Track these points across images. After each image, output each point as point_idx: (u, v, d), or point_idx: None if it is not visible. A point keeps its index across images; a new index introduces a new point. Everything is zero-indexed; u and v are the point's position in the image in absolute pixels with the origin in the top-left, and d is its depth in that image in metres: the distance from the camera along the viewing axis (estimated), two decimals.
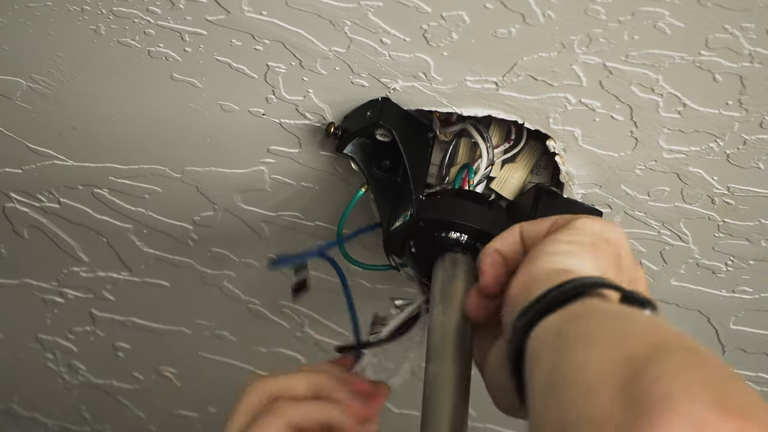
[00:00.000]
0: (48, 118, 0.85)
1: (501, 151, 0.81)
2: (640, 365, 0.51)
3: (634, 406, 0.50)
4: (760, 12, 0.67)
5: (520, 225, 0.71)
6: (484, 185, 0.82)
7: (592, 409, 0.52)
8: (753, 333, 0.95)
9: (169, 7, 0.74)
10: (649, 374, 0.51)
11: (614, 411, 0.50)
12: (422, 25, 0.72)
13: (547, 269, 0.65)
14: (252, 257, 0.98)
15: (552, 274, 0.63)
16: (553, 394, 0.54)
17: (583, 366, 0.54)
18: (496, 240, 0.71)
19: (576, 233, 0.67)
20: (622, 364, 0.52)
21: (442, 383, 0.72)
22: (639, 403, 0.50)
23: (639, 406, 0.49)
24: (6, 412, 1.28)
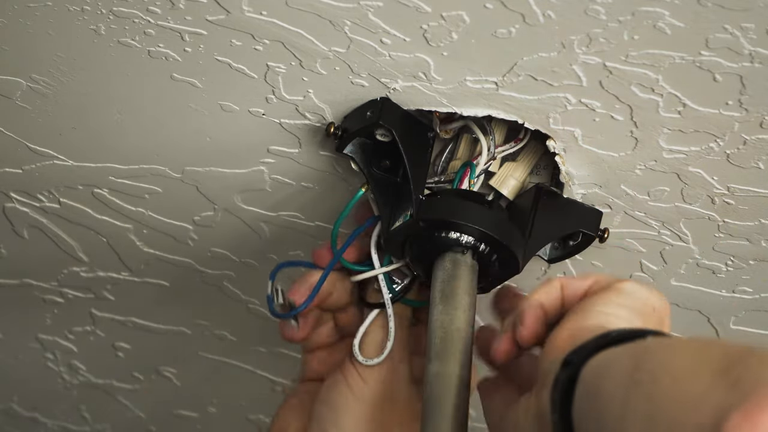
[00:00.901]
0: (48, 118, 0.85)
1: (504, 148, 0.81)
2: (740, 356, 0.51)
3: (738, 385, 0.49)
4: (760, 12, 0.67)
5: (560, 280, 0.71)
6: (481, 181, 0.82)
7: (689, 388, 0.51)
8: (753, 333, 0.95)
9: (169, 7, 0.74)
10: (752, 359, 0.50)
11: (713, 393, 0.50)
12: (422, 25, 0.72)
13: (595, 327, 0.64)
14: (252, 257, 0.98)
15: (602, 330, 0.63)
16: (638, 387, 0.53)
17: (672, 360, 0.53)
18: (539, 292, 0.71)
19: (625, 297, 0.67)
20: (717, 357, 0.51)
21: (443, 383, 0.72)
22: (743, 384, 0.49)
23: (743, 386, 0.49)
24: (6, 412, 1.28)
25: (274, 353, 1.10)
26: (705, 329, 0.95)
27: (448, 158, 0.83)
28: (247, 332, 1.08)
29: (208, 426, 1.24)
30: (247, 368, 1.13)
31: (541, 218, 0.82)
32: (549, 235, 0.82)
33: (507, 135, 0.82)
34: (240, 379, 1.14)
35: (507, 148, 0.81)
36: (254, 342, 1.09)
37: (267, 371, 1.13)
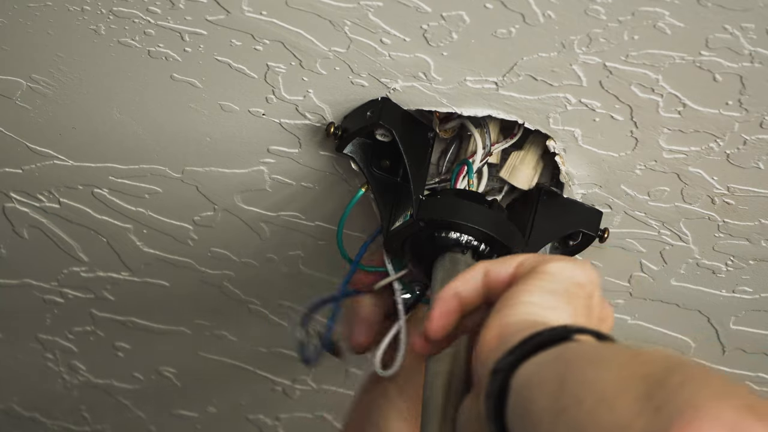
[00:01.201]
0: (48, 118, 0.85)
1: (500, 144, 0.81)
2: (661, 376, 0.50)
3: (661, 411, 0.48)
4: (760, 12, 0.67)
5: (484, 265, 0.68)
6: (486, 176, 0.81)
7: (613, 416, 0.50)
8: (753, 333, 0.95)
9: (169, 7, 0.74)
10: (673, 381, 0.49)
11: (638, 418, 0.49)
12: (422, 25, 0.72)
13: (522, 322, 0.62)
14: (252, 257, 0.98)
15: (528, 327, 0.61)
16: (564, 413, 0.53)
17: (596, 381, 0.52)
18: (458, 280, 0.68)
19: (549, 279, 0.65)
20: (639, 378, 0.51)
21: (443, 383, 0.72)
22: (666, 409, 0.48)
23: (667, 412, 0.48)
24: (6, 412, 1.27)
25: (274, 353, 1.10)
26: (705, 329, 0.95)
27: (452, 158, 0.83)
28: (247, 332, 1.08)
29: (208, 426, 1.24)
30: (247, 368, 1.13)
31: (541, 218, 0.82)
32: (549, 235, 0.82)
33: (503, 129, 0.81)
34: (240, 379, 1.14)
35: (503, 144, 0.81)
36: (254, 342, 1.09)
37: (267, 371, 1.13)
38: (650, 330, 0.96)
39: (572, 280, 0.65)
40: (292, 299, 1.02)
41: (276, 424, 1.20)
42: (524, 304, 0.64)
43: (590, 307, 0.66)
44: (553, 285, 0.65)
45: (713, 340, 0.96)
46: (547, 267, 0.66)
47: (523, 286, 0.65)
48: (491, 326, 0.63)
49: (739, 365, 0.98)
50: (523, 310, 0.63)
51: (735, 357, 0.97)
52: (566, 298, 0.64)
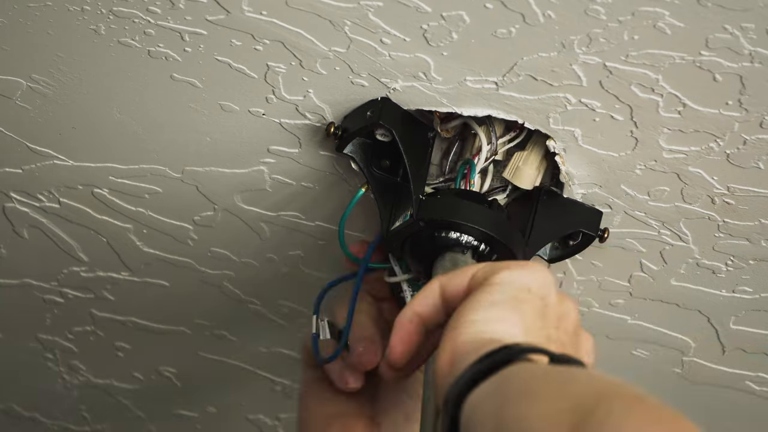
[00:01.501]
0: (48, 118, 0.85)
1: (505, 140, 0.81)
2: (588, 409, 0.50)
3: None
4: (760, 12, 0.67)
5: (438, 280, 0.68)
6: (491, 175, 0.81)
7: None
8: (753, 333, 0.95)
9: (169, 7, 0.74)
10: (599, 412, 0.49)
11: None
12: (422, 25, 0.72)
13: (471, 342, 0.62)
14: (252, 257, 0.98)
15: (478, 347, 0.60)
16: None
17: (527, 418, 0.52)
18: (415, 300, 0.68)
19: (496, 290, 0.64)
20: (567, 412, 0.50)
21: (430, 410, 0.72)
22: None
23: None
24: (6, 412, 1.27)
25: (274, 353, 1.10)
26: (705, 329, 0.95)
27: (455, 158, 0.83)
28: (247, 332, 1.08)
29: (208, 426, 1.24)
30: (247, 368, 1.13)
31: (541, 218, 0.82)
32: (549, 235, 0.82)
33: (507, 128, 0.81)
34: (240, 379, 1.14)
35: (507, 139, 0.81)
36: (254, 342, 1.09)
37: (267, 371, 1.13)
38: (650, 330, 0.96)
39: (520, 286, 0.65)
40: (292, 299, 1.02)
41: (276, 424, 1.20)
42: (472, 323, 0.63)
43: (544, 309, 0.65)
44: (499, 296, 0.64)
45: (713, 340, 0.96)
46: (494, 278, 0.65)
47: (469, 302, 0.64)
48: (443, 349, 0.63)
49: (739, 365, 0.98)
50: (471, 330, 0.62)
51: (735, 357, 0.97)
52: (514, 307, 0.64)
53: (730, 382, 1.00)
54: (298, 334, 1.06)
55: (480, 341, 0.61)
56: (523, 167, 0.81)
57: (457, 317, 0.64)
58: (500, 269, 0.66)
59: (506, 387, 0.55)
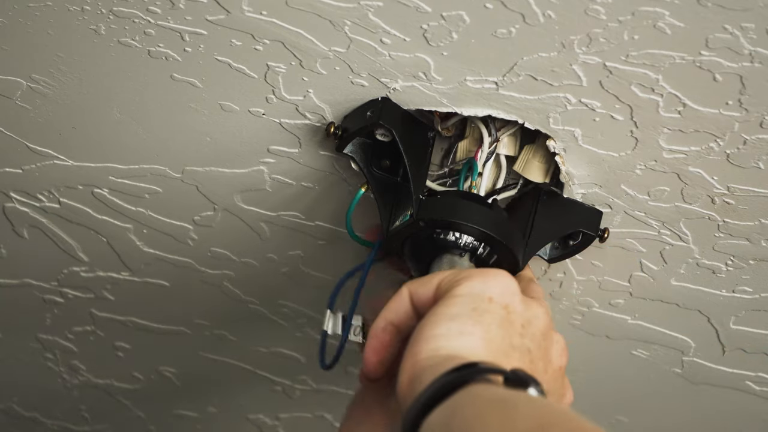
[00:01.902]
0: (48, 118, 0.85)
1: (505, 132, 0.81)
2: None
3: None
4: (760, 12, 0.67)
5: (408, 287, 0.68)
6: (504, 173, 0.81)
7: None
8: (753, 333, 0.95)
9: (169, 7, 0.74)
10: None
11: None
12: (422, 25, 0.72)
13: (431, 358, 0.62)
14: (252, 257, 0.98)
15: (437, 364, 0.60)
16: None
17: None
18: (387, 310, 0.68)
19: (457, 302, 0.64)
20: None
21: None
22: None
23: None
24: (6, 412, 1.27)
25: (274, 353, 1.10)
26: (705, 329, 0.95)
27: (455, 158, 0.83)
28: (247, 332, 1.08)
29: (208, 426, 1.24)
30: (247, 368, 1.13)
31: (541, 218, 0.82)
32: (549, 235, 0.83)
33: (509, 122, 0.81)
34: (240, 379, 1.14)
35: (508, 130, 0.81)
36: (254, 342, 1.09)
37: (267, 371, 1.13)
38: (650, 330, 0.96)
39: (480, 295, 0.65)
40: (292, 299, 1.02)
41: (276, 424, 1.20)
42: (431, 339, 0.63)
43: (507, 317, 0.65)
44: (458, 308, 0.64)
45: (713, 340, 0.96)
46: (455, 289, 0.65)
47: (430, 317, 0.64)
48: (404, 367, 0.63)
49: (739, 365, 0.98)
50: (431, 346, 0.62)
51: (735, 357, 0.97)
52: (474, 319, 0.64)
53: (730, 382, 1.00)
54: (297, 334, 1.06)
55: (438, 357, 0.61)
56: (533, 160, 0.81)
57: (417, 332, 0.64)
58: (462, 279, 0.66)
59: (453, 420, 0.55)
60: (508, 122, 0.80)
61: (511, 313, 0.65)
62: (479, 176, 0.81)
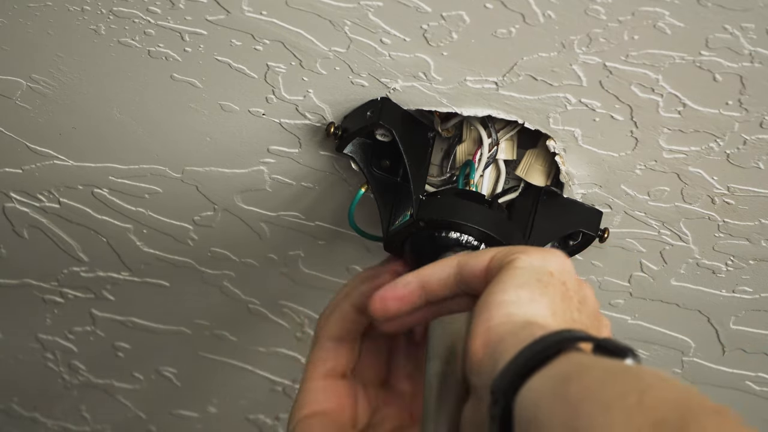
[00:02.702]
0: (48, 118, 0.85)
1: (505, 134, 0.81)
2: (675, 425, 0.49)
3: None
4: (760, 12, 0.67)
5: (458, 258, 0.68)
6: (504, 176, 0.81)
7: None
8: (753, 333, 0.95)
9: (169, 7, 0.74)
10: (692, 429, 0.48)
11: None
12: (422, 25, 0.72)
13: (505, 323, 0.61)
14: (252, 257, 0.98)
15: (517, 329, 0.60)
16: None
17: (606, 430, 0.51)
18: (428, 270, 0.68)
19: (520, 274, 0.64)
20: (650, 426, 0.49)
21: (443, 383, 0.72)
22: None
23: None
24: (6, 412, 1.27)
25: (274, 353, 1.10)
26: (705, 329, 0.95)
27: (455, 158, 0.83)
28: (247, 332, 1.08)
29: (208, 426, 1.24)
30: (247, 368, 1.13)
31: (541, 218, 0.82)
32: (549, 235, 0.83)
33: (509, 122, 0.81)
34: (240, 379, 1.14)
35: (509, 131, 0.81)
36: (254, 342, 1.09)
37: (267, 371, 1.13)
38: (650, 330, 0.96)
39: (542, 269, 0.65)
40: (292, 299, 1.02)
41: (276, 424, 1.20)
42: (502, 304, 0.63)
43: (566, 293, 0.65)
44: (525, 278, 0.64)
45: (713, 340, 0.96)
46: (516, 261, 0.65)
47: (497, 285, 0.64)
48: (476, 333, 0.62)
49: (739, 365, 0.98)
50: (503, 311, 0.62)
51: (735, 357, 0.97)
52: (540, 289, 0.64)
53: (730, 382, 1.00)
54: (297, 334, 1.06)
55: (514, 324, 0.61)
56: (535, 164, 0.81)
57: (485, 300, 0.64)
58: (520, 253, 0.66)
59: (570, 388, 0.54)
60: (507, 124, 0.80)
61: (569, 290, 0.65)
62: (480, 178, 0.81)
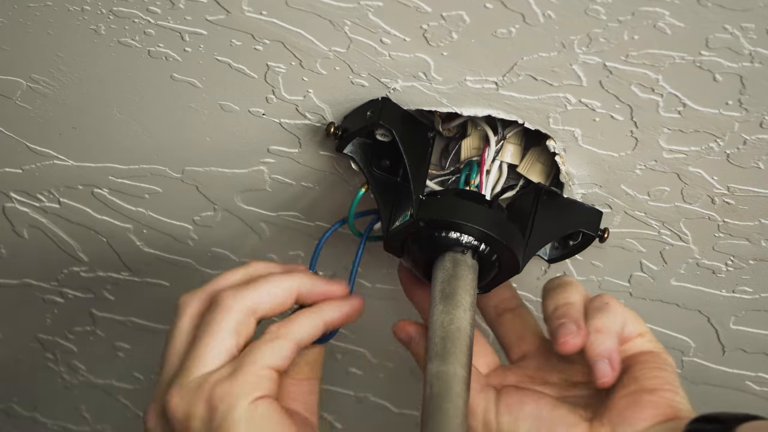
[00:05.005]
0: (48, 118, 0.85)
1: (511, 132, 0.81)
2: None
3: None
4: (760, 12, 0.67)
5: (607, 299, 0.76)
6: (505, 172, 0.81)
7: None
8: (753, 333, 0.95)
9: (169, 7, 0.74)
10: None
11: None
12: (422, 25, 0.72)
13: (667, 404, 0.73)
14: (252, 257, 0.97)
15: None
16: None
17: None
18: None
19: (664, 362, 0.76)
20: None
21: (443, 383, 0.72)
22: None
23: None
24: (6, 412, 1.28)
25: None
26: (705, 329, 0.95)
27: (456, 157, 0.83)
28: None
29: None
30: None
31: (541, 218, 0.82)
32: (549, 235, 0.83)
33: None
34: None
35: (513, 130, 0.81)
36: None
37: None
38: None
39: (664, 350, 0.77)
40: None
41: None
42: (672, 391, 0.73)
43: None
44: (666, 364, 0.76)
45: (713, 340, 0.96)
46: (669, 358, 0.75)
47: (674, 375, 0.75)
48: (651, 399, 0.72)
49: (739, 365, 0.98)
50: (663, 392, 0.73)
51: (735, 357, 0.97)
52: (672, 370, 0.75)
53: (730, 382, 1.00)
54: None
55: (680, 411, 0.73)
56: (537, 163, 0.81)
57: (661, 377, 0.75)
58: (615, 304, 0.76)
59: None
60: (512, 122, 0.80)
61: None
62: (486, 174, 0.81)
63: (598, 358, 0.72)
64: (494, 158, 0.81)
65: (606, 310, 0.74)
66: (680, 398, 0.73)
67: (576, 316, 0.74)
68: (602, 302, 0.75)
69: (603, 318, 0.74)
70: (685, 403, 0.72)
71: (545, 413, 0.74)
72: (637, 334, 0.76)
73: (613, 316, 0.74)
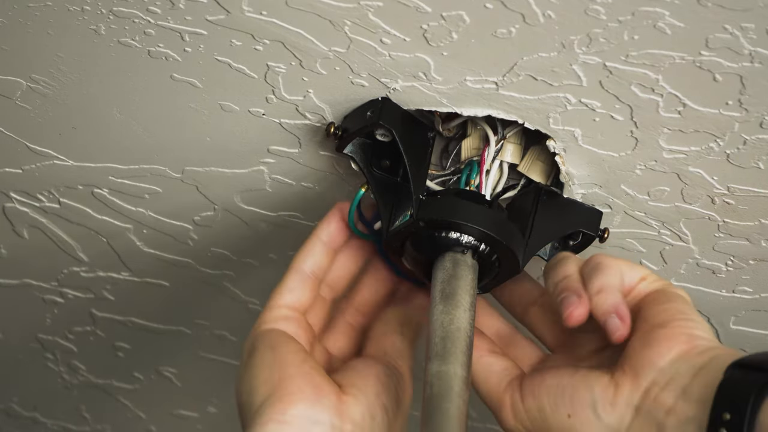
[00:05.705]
0: (48, 118, 0.85)
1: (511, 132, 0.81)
2: None
3: None
4: (760, 12, 0.67)
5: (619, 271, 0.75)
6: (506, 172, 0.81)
7: None
8: (753, 333, 0.95)
9: (169, 7, 0.74)
10: None
11: None
12: (422, 25, 0.72)
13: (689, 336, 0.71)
14: (252, 257, 0.98)
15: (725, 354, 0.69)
16: None
17: None
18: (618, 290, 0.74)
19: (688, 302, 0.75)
20: None
21: (443, 383, 0.72)
22: None
23: None
24: (6, 412, 1.28)
25: None
26: None
27: (456, 157, 0.83)
28: (247, 332, 1.08)
29: (208, 426, 1.24)
30: None
31: (541, 218, 0.82)
32: (549, 235, 0.83)
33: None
34: None
35: (514, 129, 0.81)
36: None
37: None
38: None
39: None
40: None
41: None
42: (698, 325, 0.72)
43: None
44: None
45: None
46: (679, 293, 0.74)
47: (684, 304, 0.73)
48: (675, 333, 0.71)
49: None
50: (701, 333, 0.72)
51: None
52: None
53: None
54: None
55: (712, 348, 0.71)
56: (537, 161, 0.81)
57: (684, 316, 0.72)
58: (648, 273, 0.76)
59: None
60: (511, 121, 0.80)
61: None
62: (486, 174, 0.81)
63: (606, 315, 0.72)
64: (494, 158, 0.81)
65: (600, 269, 0.74)
66: (695, 324, 0.71)
67: (575, 286, 0.74)
68: (594, 263, 0.75)
69: (599, 277, 0.73)
70: (701, 329, 0.71)
71: (565, 381, 0.73)
72: (639, 279, 0.75)
73: (608, 272, 0.74)
